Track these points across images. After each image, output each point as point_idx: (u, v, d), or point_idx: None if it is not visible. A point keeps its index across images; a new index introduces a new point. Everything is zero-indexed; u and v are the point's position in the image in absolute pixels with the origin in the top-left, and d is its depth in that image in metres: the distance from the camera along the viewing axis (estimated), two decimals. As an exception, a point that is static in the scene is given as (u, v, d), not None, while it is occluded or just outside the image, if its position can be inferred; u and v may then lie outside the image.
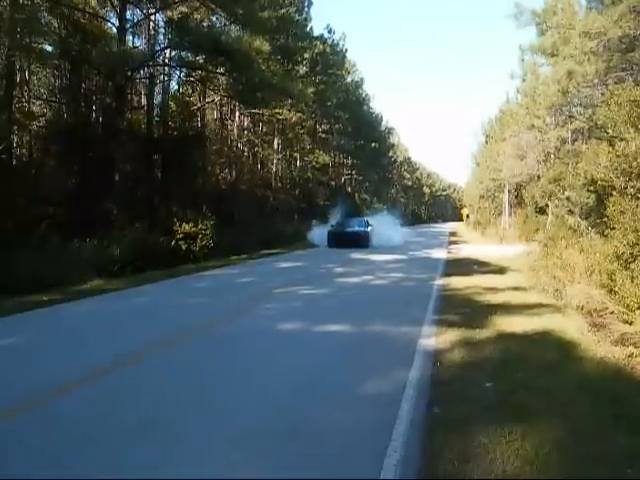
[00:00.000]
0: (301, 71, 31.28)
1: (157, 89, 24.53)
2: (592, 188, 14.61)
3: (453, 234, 47.11)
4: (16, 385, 5.22)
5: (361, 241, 25.08)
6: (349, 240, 24.92)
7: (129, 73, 19.73)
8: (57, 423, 4.28)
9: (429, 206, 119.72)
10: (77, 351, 6.61)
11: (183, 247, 17.89)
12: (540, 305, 9.41)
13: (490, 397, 4.81)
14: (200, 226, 18.76)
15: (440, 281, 13.31)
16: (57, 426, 4.22)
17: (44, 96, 21.04)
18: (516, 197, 36.35)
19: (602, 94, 15.78)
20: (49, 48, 18.97)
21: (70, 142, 18.65)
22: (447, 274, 14.59)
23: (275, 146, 34.90)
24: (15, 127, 17.59)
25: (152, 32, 22.82)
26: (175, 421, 4.35)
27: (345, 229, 26.32)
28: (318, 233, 27.98)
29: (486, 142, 46.47)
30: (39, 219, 13.59)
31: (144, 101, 24.38)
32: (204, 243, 18.53)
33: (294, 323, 8.26)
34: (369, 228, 26.75)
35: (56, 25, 18.60)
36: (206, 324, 8.20)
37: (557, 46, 16.50)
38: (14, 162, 17.59)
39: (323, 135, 43.86)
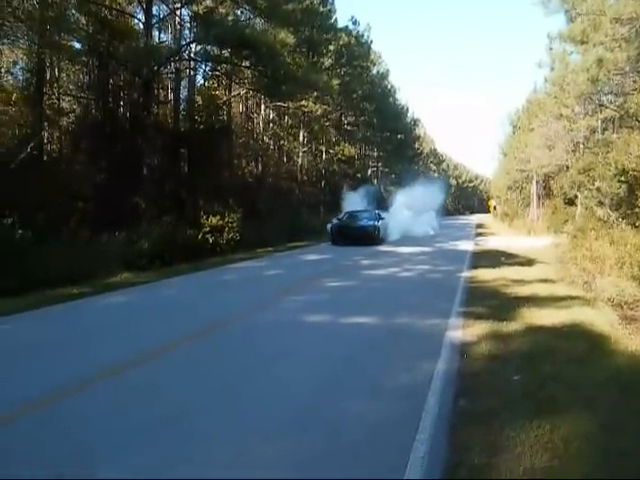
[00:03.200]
0: (326, 63, 31.20)
1: (183, 83, 24.74)
2: (623, 178, 14.38)
3: (480, 226, 46.66)
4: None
5: (369, 237, 21.99)
6: (355, 236, 21.92)
7: (156, 68, 19.91)
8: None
9: (455, 198, 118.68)
10: (111, 342, 6.73)
11: (210, 240, 18.03)
12: (569, 297, 9.28)
13: (518, 390, 4.76)
14: (227, 219, 18.89)
15: (467, 273, 13.22)
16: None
17: (73, 92, 21.31)
18: (544, 188, 35.80)
19: (634, 82, 15.45)
20: (77, 45, 19.25)
21: (99, 137, 18.94)
22: (474, 266, 14.48)
23: (301, 139, 34.91)
24: (45, 123, 17.88)
25: (178, 27, 23.00)
26: (206, 410, 4.42)
27: (351, 223, 23.23)
28: None
29: (513, 132, 45.84)
30: (69, 214, 13.82)
31: (170, 96, 24.62)
32: (231, 236, 18.67)
33: (320, 315, 8.28)
34: (380, 222, 23.26)
35: (84, 22, 18.83)
36: (233, 316, 8.28)
37: (587, 33, 16.13)
38: (45, 158, 17.90)
39: (349, 127, 43.72)
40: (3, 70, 17.67)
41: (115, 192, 17.35)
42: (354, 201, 30.08)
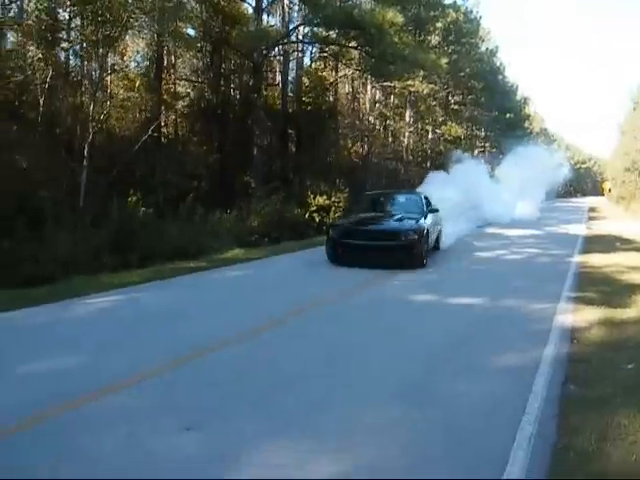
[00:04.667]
0: (433, 41, 30.63)
1: (291, 65, 25.18)
2: None
3: (593, 209, 44.19)
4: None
5: (401, 251, 10.82)
6: (373, 249, 10.87)
7: (265, 51, 20.44)
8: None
9: (567, 180, 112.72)
10: (239, 310, 7.28)
11: (317, 219, 18.45)
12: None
13: (632, 379, 4.57)
14: (333, 199, 19.23)
15: (578, 258, 12.71)
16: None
17: (188, 77, 22.36)
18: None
19: None
20: (192, 32, 20.14)
21: (212, 120, 19.83)
22: (586, 251, 13.88)
23: (407, 119, 34.58)
24: (163, 107, 18.95)
25: (286, 10, 23.40)
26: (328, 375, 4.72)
27: (369, 224, 11.87)
28: None
29: (634, 109, 42.81)
30: (185, 192, 14.63)
31: (279, 78, 25.16)
32: (337, 215, 18.99)
33: (426, 295, 8.36)
34: (427, 220, 11.91)
35: (198, 9, 19.65)
36: (340, 293, 8.53)
37: None
38: (163, 140, 19.00)
39: (455, 106, 42.70)
40: (127, 59, 18.90)
41: (227, 172, 18.16)
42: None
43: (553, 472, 3.12)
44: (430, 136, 38.62)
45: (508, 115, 48.97)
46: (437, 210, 12.88)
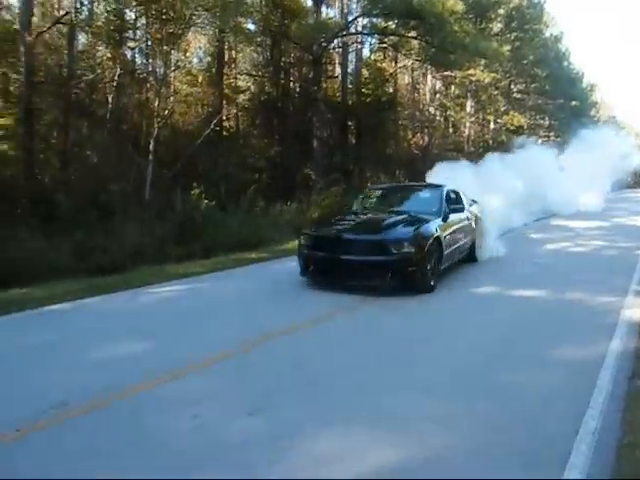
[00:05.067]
0: (495, 28, 29.93)
1: (350, 57, 25.22)
2: None
3: (665, 200, 42.14)
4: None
5: (391, 270, 7.38)
6: (351, 267, 7.53)
7: (324, 44, 20.56)
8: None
9: (637, 169, 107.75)
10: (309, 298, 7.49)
11: (376, 211, 18.44)
12: None
13: None
14: (392, 190, 19.17)
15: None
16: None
17: (248, 71, 22.76)
18: None
19: None
20: (252, 27, 20.47)
21: (272, 113, 20.14)
22: (658, 244, 13.32)
23: (468, 109, 34.03)
24: (224, 101, 19.38)
25: (345, 2, 23.43)
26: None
27: (349, 231, 8.12)
28: None
29: None
30: (246, 185, 14.97)
31: (338, 70, 25.24)
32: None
33: (488, 287, 8.26)
34: (444, 224, 8.54)
35: (258, 3, 19.95)
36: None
37: None
38: (224, 133, 19.45)
39: (518, 95, 41.63)
40: (190, 55, 19.42)
41: (287, 164, 18.41)
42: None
43: (618, 468, 3.06)
44: (492, 126, 37.83)
45: (573, 103, 47.27)
46: (459, 209, 9.43)
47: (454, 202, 9.42)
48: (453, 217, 8.92)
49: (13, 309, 6.39)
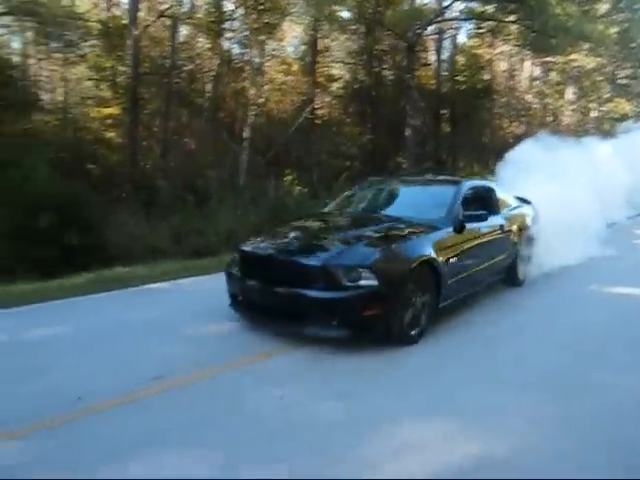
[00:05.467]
0: (601, 10, 28.29)
1: (445, 44, 24.72)
2: None
3: None
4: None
5: (352, 313, 4.50)
6: (286, 304, 4.76)
7: (419, 31, 20.25)
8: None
9: None
10: None
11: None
12: None
13: None
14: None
15: None
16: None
17: (342, 60, 22.80)
18: None
19: None
20: (346, 14, 20.48)
21: (365, 101, 20.12)
22: None
23: (568, 96, 32.46)
24: (317, 90, 19.55)
25: (442, -14, 22.94)
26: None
27: (290, 252, 5.05)
28: None
29: None
30: (338, 172, 15.08)
31: (432, 57, 24.79)
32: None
33: (571, 283, 7.79)
34: (449, 241, 5.43)
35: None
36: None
37: None
38: (317, 121, 19.64)
39: (624, 81, 39.17)
40: (285, 44, 19.73)
41: (379, 152, 18.37)
42: None
43: None
44: (593, 114, 35.90)
45: (686, 89, 44.06)
46: (523, 204, 7.78)
47: (479, 204, 6.39)
48: (474, 226, 5.90)
49: (117, 286, 6.83)
